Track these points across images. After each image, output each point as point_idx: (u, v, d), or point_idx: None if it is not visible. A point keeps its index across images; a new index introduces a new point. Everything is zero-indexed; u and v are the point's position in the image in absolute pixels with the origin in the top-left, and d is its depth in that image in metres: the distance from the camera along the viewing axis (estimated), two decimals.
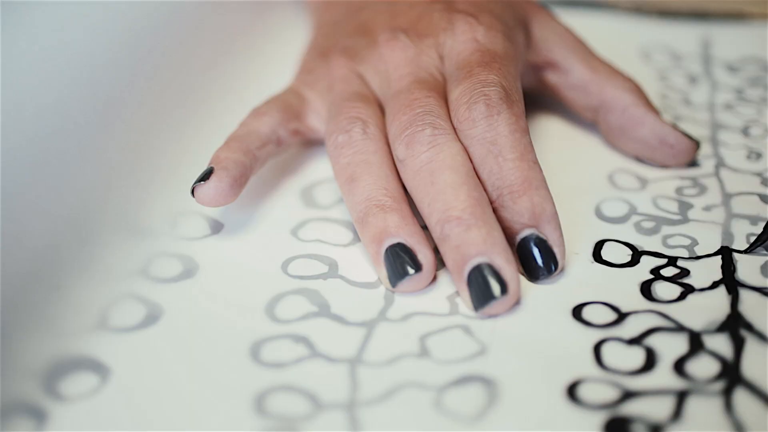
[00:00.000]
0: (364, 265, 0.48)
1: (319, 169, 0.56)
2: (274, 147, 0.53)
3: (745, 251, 0.48)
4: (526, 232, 0.47)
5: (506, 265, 0.44)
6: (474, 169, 0.48)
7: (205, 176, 0.49)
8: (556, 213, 0.47)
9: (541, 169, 0.47)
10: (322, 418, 0.39)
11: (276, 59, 0.65)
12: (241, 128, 0.53)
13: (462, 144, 0.48)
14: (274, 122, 0.53)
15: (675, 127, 0.56)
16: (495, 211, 0.47)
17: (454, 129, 0.49)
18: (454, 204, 0.45)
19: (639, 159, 0.58)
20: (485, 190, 0.47)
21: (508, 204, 0.47)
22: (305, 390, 0.40)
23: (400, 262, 0.46)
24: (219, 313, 0.45)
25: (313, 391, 0.40)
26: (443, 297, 0.46)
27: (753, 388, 0.40)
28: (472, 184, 0.46)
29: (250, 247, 0.50)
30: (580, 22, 0.66)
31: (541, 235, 0.46)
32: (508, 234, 0.47)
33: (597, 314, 0.45)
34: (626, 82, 0.57)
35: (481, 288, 0.44)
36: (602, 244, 0.50)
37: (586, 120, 0.60)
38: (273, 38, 0.69)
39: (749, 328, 0.43)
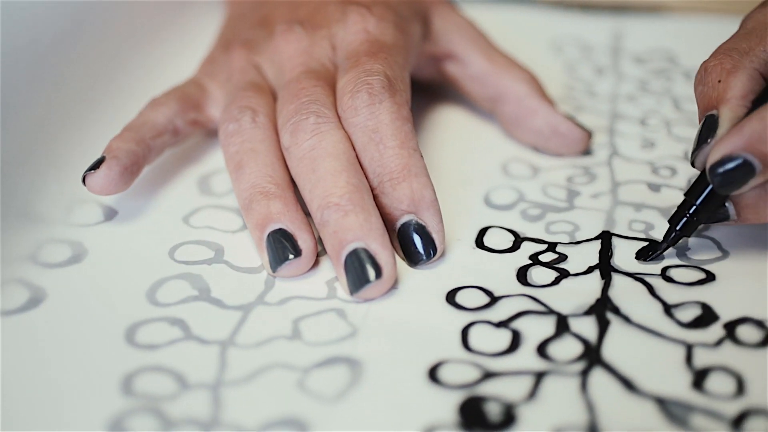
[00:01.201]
0: (250, 251, 0.49)
1: (218, 158, 0.57)
2: (170, 137, 0.54)
3: (651, 258, 0.49)
4: (405, 218, 0.48)
5: (382, 250, 0.45)
6: (357, 156, 0.48)
7: (96, 165, 0.50)
8: (435, 200, 0.48)
9: (421, 156, 0.48)
10: (187, 397, 0.40)
11: (189, 54, 0.65)
12: (136, 118, 0.54)
13: (346, 132, 0.49)
14: (171, 112, 0.54)
15: (568, 117, 0.57)
16: (376, 197, 0.48)
17: (340, 118, 0.49)
18: (333, 190, 0.46)
19: (535, 148, 0.58)
20: (367, 177, 0.48)
21: (388, 190, 0.47)
22: (174, 371, 0.41)
23: (280, 247, 0.46)
24: (100, 297, 0.46)
25: (182, 372, 0.41)
26: (322, 282, 0.47)
27: (610, 369, 0.41)
28: (353, 171, 0.47)
29: (141, 234, 0.50)
30: (498, 16, 0.68)
31: (421, 221, 0.47)
32: (389, 220, 0.48)
33: (470, 298, 0.46)
34: (523, 73, 0.58)
35: (357, 272, 0.45)
36: (485, 231, 0.51)
37: (485, 110, 0.61)
38: (189, 35, 0.69)
39: (616, 311, 0.44)
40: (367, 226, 0.45)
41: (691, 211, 0.47)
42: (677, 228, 0.47)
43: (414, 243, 0.47)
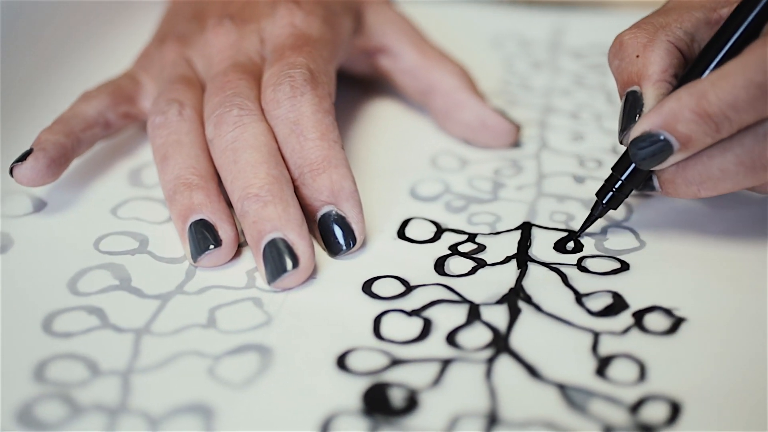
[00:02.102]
0: (174, 242, 0.49)
1: (150, 150, 0.57)
2: (101, 129, 0.55)
3: (577, 234, 0.50)
4: (325, 209, 0.48)
5: (300, 240, 0.46)
6: (279, 148, 0.49)
7: (24, 157, 0.50)
8: (355, 191, 0.48)
9: (342, 148, 0.49)
10: (97, 383, 0.40)
11: (129, 49, 0.66)
12: (67, 111, 0.54)
13: (268, 124, 0.49)
14: (102, 105, 0.55)
15: (496, 110, 0.58)
16: (297, 189, 0.49)
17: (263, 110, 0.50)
18: (253, 182, 0.47)
19: (465, 141, 0.59)
20: (288, 168, 0.49)
21: (308, 182, 0.48)
22: (87, 358, 0.42)
23: (201, 237, 0.47)
24: (22, 288, 0.46)
25: (94, 360, 0.42)
26: (243, 271, 0.48)
27: (516, 357, 0.42)
28: (273, 162, 0.48)
29: (68, 225, 0.51)
30: (442, 13, 0.68)
31: (341, 212, 0.48)
32: (310, 211, 0.49)
33: (386, 288, 0.46)
34: (453, 67, 0.59)
35: (275, 262, 0.46)
36: (408, 222, 0.51)
37: (417, 104, 0.61)
38: (129, 30, 0.70)
39: (528, 300, 0.45)
40: (285, 217, 0.46)
41: (617, 186, 0.47)
42: (604, 202, 0.48)
43: (334, 233, 0.48)
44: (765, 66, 0.41)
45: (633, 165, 0.47)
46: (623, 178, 0.47)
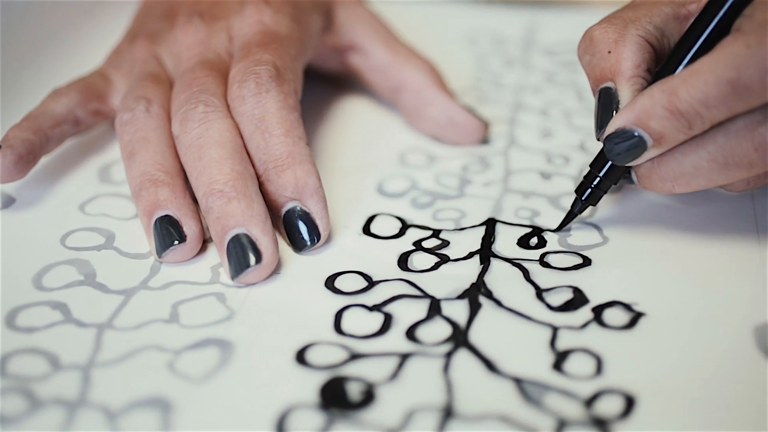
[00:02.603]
0: (141, 238, 0.50)
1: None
2: (70, 127, 0.55)
3: (555, 230, 0.51)
4: (289, 205, 0.49)
5: (263, 236, 0.46)
6: (244, 145, 0.49)
7: None
8: (319, 187, 0.49)
9: (307, 144, 0.50)
10: (57, 377, 0.41)
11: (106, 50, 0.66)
12: (36, 108, 0.55)
13: (234, 121, 0.50)
14: (72, 103, 0.55)
15: (465, 107, 0.58)
16: (262, 185, 0.49)
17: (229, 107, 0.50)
18: (217, 177, 0.47)
19: (435, 138, 0.60)
20: (253, 165, 0.49)
21: (273, 178, 0.49)
22: (48, 353, 0.42)
23: (166, 233, 0.48)
24: None
25: (56, 354, 0.42)
26: (207, 267, 0.48)
27: (474, 351, 0.42)
28: (238, 158, 0.48)
29: (35, 221, 0.51)
30: (417, 11, 0.69)
31: (305, 208, 0.48)
32: (275, 207, 0.49)
33: (348, 283, 0.47)
34: (423, 64, 0.60)
35: (238, 257, 0.46)
36: (373, 218, 0.52)
37: (387, 101, 0.62)
38: (107, 31, 0.70)
39: (489, 295, 0.46)
40: (249, 213, 0.46)
41: (595, 183, 0.48)
42: (583, 198, 0.48)
43: (298, 229, 0.48)
44: (735, 63, 0.41)
45: (610, 161, 0.47)
46: (601, 174, 0.48)
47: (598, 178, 0.48)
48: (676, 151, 0.44)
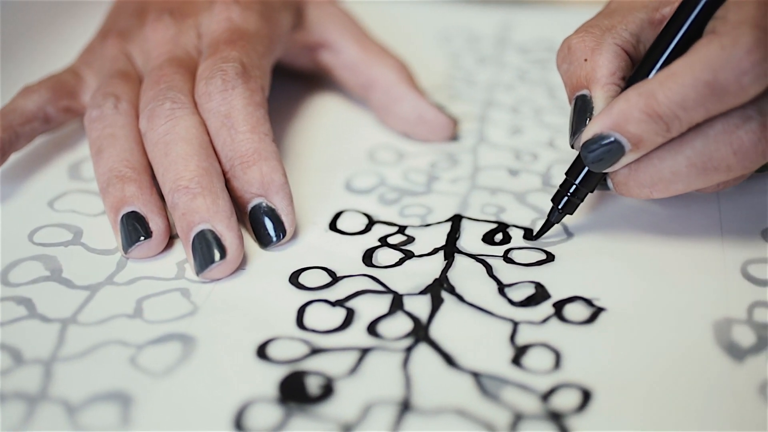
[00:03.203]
0: (108, 233, 0.50)
1: None
2: (41, 124, 0.55)
3: (535, 237, 0.51)
4: (255, 201, 0.49)
5: (228, 231, 0.46)
6: (211, 141, 0.50)
7: None
8: (285, 183, 0.49)
9: (273, 141, 0.50)
10: (19, 372, 0.41)
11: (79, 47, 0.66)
12: (6, 105, 0.55)
13: (201, 117, 0.50)
14: (42, 100, 0.55)
15: (434, 105, 0.59)
16: (228, 181, 0.49)
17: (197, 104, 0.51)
18: (183, 174, 0.48)
19: (405, 135, 0.60)
20: (220, 161, 0.49)
21: (239, 174, 0.49)
22: (12, 347, 0.43)
23: (133, 229, 0.48)
24: None
25: (19, 349, 0.42)
26: (173, 262, 0.48)
27: (435, 346, 0.42)
28: (204, 155, 0.48)
29: (4, 217, 0.52)
30: (393, 9, 0.69)
31: (271, 204, 0.49)
32: (241, 203, 0.49)
33: (313, 278, 0.47)
34: (393, 62, 0.60)
35: (203, 253, 0.46)
36: (340, 214, 0.52)
37: (358, 98, 0.62)
38: (81, 29, 0.71)
39: (451, 290, 0.46)
40: (214, 209, 0.47)
41: (571, 191, 0.48)
42: (559, 207, 0.49)
43: (264, 225, 0.49)
44: (711, 64, 0.42)
45: (586, 169, 0.47)
46: (577, 182, 0.48)
47: (574, 186, 0.48)
48: (654, 157, 0.45)
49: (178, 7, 0.56)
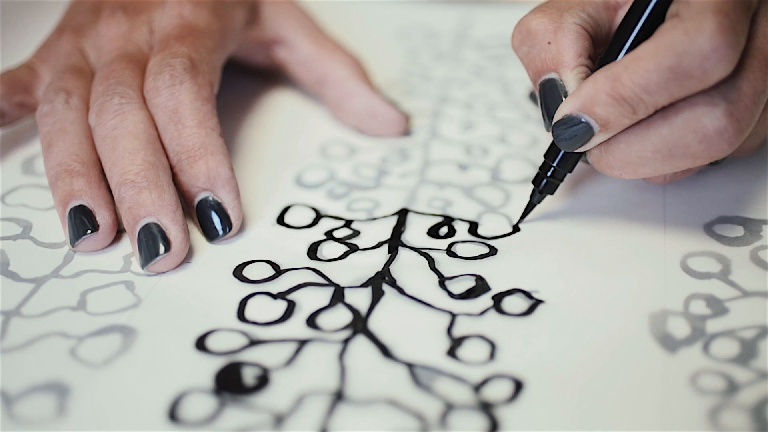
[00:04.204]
0: (57, 227, 0.51)
1: None
2: None
3: (516, 223, 0.52)
4: (202, 195, 0.50)
5: (172, 225, 0.47)
6: (159, 136, 0.50)
7: None
8: (231, 177, 0.50)
9: (220, 135, 0.51)
10: None
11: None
12: None
13: (149, 112, 0.51)
14: None
15: (386, 100, 0.59)
16: (175, 175, 0.50)
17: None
18: (130, 168, 0.48)
19: (358, 130, 0.60)
20: (167, 155, 0.50)
21: (185, 168, 0.50)
22: None
23: (80, 222, 0.48)
24: None
25: None
26: (120, 256, 0.49)
27: (372, 337, 0.43)
28: (150, 149, 0.49)
29: None
30: (352, 6, 0.69)
31: (217, 199, 0.49)
32: (188, 197, 0.50)
33: (257, 272, 0.48)
34: (346, 58, 0.61)
35: (148, 246, 0.47)
36: (288, 209, 0.53)
37: (313, 94, 0.63)
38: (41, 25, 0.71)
39: (392, 283, 0.46)
40: (159, 202, 0.47)
41: (550, 173, 0.49)
42: (540, 189, 0.49)
43: (210, 219, 0.49)
44: (675, 49, 0.42)
45: (563, 150, 0.48)
46: (555, 163, 0.49)
47: (552, 168, 0.48)
48: (622, 141, 0.45)
49: (132, 4, 0.57)
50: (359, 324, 0.44)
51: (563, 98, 0.46)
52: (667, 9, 0.44)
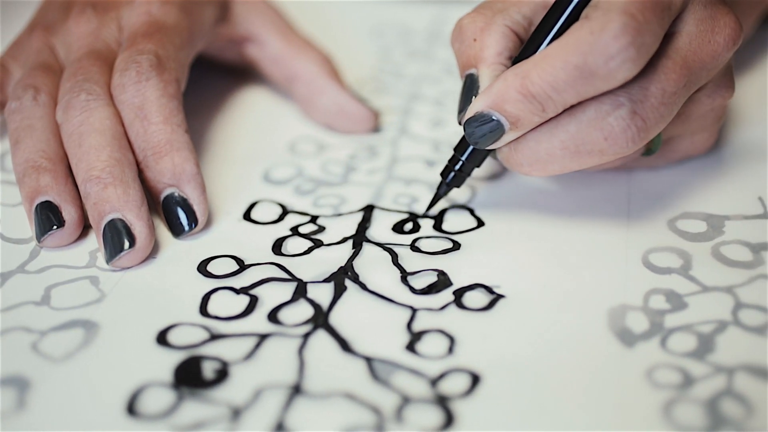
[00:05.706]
0: (25, 223, 0.51)
1: None
2: None
3: (422, 215, 0.52)
4: (167, 191, 0.50)
5: (137, 221, 0.47)
6: (126, 132, 0.51)
7: None
8: (197, 173, 0.50)
9: (186, 132, 0.51)
10: None
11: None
12: None
13: (116, 109, 0.51)
14: None
15: (355, 97, 0.60)
16: (141, 171, 0.50)
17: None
18: (95, 164, 0.49)
19: (328, 127, 0.61)
20: (134, 152, 0.50)
21: (151, 164, 0.50)
22: None
23: (46, 218, 0.49)
24: None
25: None
26: (86, 251, 0.49)
27: (332, 332, 0.43)
28: (116, 146, 0.49)
29: None
30: (327, 3, 0.70)
31: (183, 194, 0.50)
32: (154, 193, 0.50)
33: (221, 267, 0.48)
34: (316, 55, 0.61)
35: (113, 241, 0.47)
36: (255, 205, 0.53)
37: (283, 91, 0.63)
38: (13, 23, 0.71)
39: (355, 279, 0.47)
40: (124, 198, 0.48)
41: (458, 167, 0.50)
42: (447, 181, 0.50)
43: (176, 215, 0.50)
44: (581, 48, 0.43)
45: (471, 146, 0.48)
46: (464, 158, 0.49)
47: (461, 162, 0.49)
48: (531, 139, 0.46)
49: (102, 2, 0.57)
50: (320, 319, 0.44)
51: (476, 94, 0.47)
52: (582, 10, 0.45)
